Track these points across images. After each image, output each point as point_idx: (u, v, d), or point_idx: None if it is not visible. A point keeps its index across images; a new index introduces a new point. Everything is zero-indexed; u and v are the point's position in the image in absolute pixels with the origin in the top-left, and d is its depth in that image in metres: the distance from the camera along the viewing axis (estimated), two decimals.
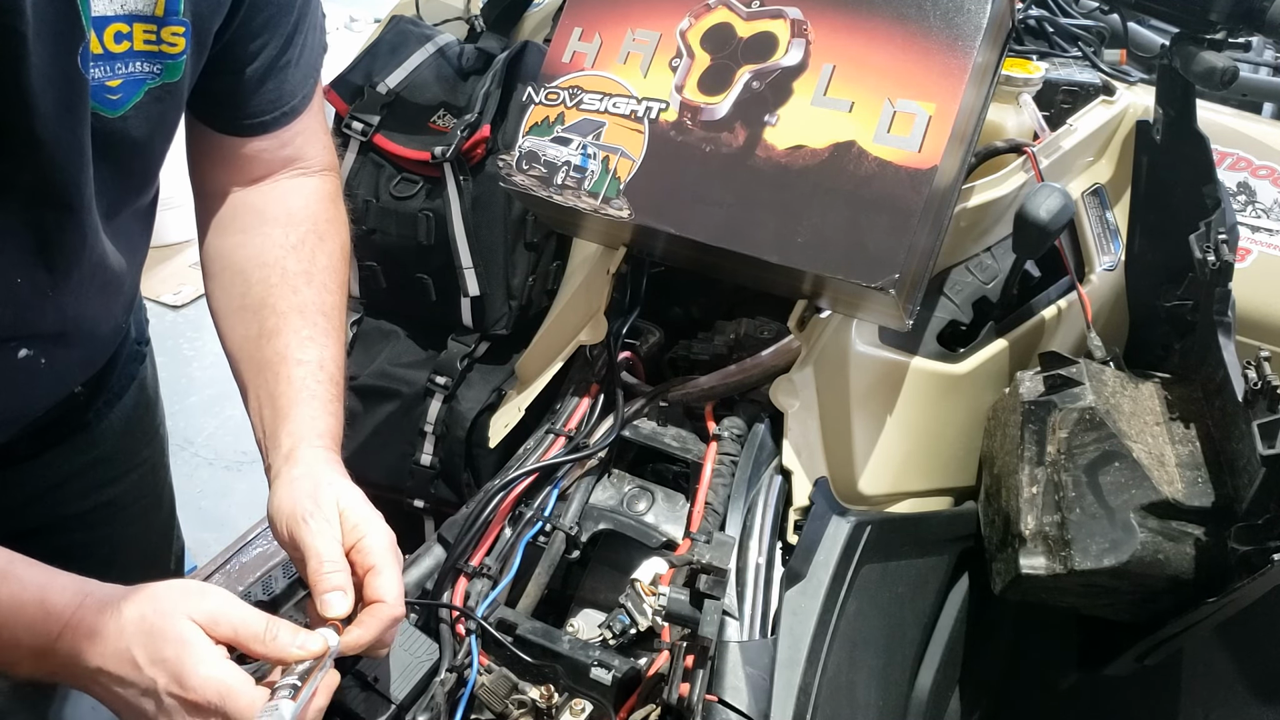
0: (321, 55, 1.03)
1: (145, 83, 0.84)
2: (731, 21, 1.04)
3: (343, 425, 0.95)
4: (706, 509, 1.00)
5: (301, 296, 0.97)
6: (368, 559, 0.83)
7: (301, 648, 0.77)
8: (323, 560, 0.81)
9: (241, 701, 0.72)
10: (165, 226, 3.47)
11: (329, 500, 0.85)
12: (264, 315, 0.96)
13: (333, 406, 0.94)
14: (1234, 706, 1.27)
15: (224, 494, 2.61)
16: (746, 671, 0.89)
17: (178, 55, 0.85)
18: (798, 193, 0.97)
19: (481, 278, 1.34)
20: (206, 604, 0.76)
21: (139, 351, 1.20)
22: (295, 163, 1.03)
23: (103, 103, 0.83)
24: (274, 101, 0.98)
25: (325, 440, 0.91)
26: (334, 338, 0.97)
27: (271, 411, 0.93)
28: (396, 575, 0.83)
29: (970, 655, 1.23)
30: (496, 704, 0.91)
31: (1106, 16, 1.40)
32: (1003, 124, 1.26)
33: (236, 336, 0.98)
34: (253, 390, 0.95)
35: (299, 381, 0.93)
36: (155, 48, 0.83)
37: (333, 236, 1.03)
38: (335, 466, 0.90)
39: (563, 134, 1.07)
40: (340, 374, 0.97)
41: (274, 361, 0.94)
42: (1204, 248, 1.08)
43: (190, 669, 0.73)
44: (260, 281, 0.98)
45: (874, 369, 1.10)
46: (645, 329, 1.18)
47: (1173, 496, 1.01)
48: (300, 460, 0.89)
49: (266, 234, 1.00)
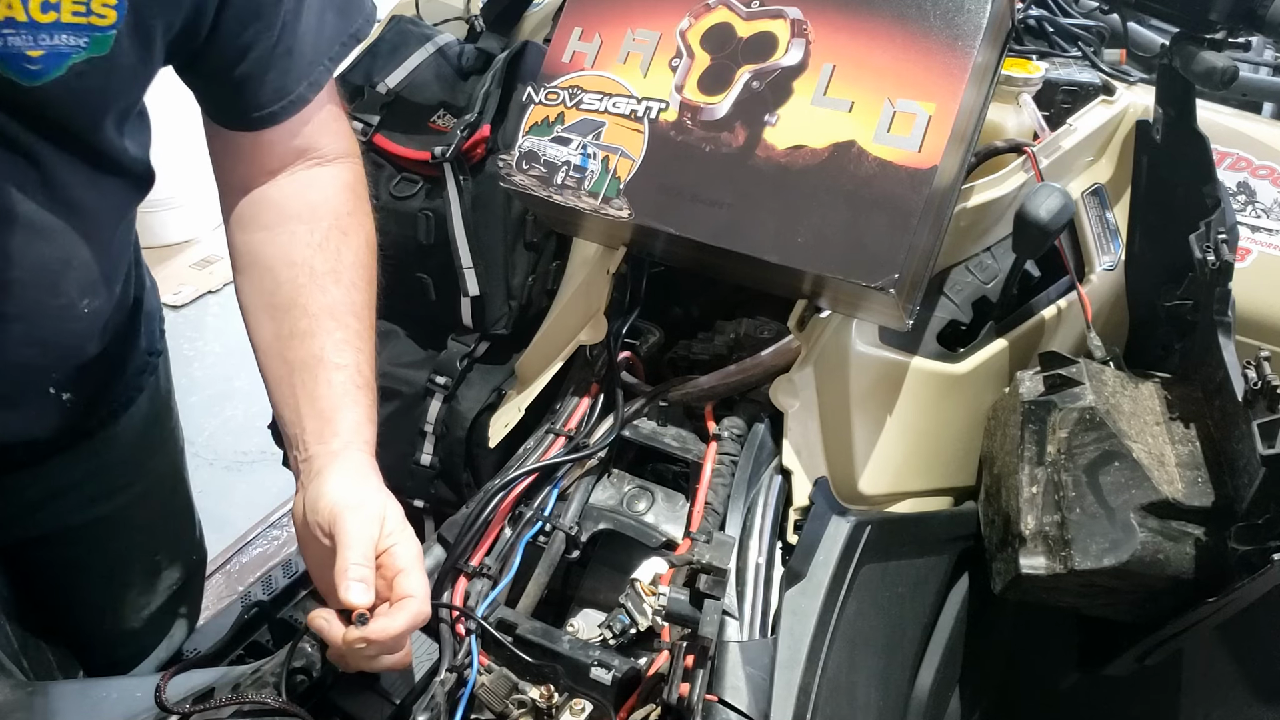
0: (347, 45, 1.02)
1: (70, 56, 0.83)
2: (731, 21, 1.04)
3: (374, 424, 0.98)
4: (706, 509, 1.00)
5: (331, 297, 0.98)
6: (397, 563, 0.86)
7: None
8: (357, 551, 0.84)
9: None
10: (165, 226, 3.49)
11: (378, 503, 0.88)
12: (295, 315, 0.97)
13: (371, 414, 0.97)
14: (1234, 706, 1.27)
15: (224, 494, 2.60)
16: (746, 671, 0.89)
17: (107, 28, 0.83)
18: (798, 193, 0.97)
19: (481, 278, 1.34)
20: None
21: (149, 362, 1.19)
22: (309, 153, 1.02)
23: (19, 71, 0.82)
24: (277, 92, 0.97)
25: (368, 448, 0.94)
26: (366, 340, 0.99)
27: (312, 411, 0.95)
28: (425, 580, 0.87)
29: (970, 655, 1.23)
30: (496, 704, 0.91)
31: (1106, 16, 1.40)
32: (1003, 124, 1.25)
33: (266, 334, 0.99)
34: (286, 386, 0.97)
35: (340, 386, 0.95)
36: (84, 19, 0.82)
37: (356, 230, 1.03)
38: (379, 476, 0.93)
39: (563, 134, 1.07)
40: (373, 379, 0.99)
41: (310, 363, 0.96)
42: (1204, 248, 1.08)
43: None
44: (289, 281, 0.98)
45: (874, 369, 1.10)
46: (645, 329, 1.18)
47: (1173, 496, 1.01)
48: (351, 460, 0.92)
49: (291, 231, 1.00)
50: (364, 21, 1.04)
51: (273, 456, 1.67)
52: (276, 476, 2.53)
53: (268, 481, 2.61)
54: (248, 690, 0.88)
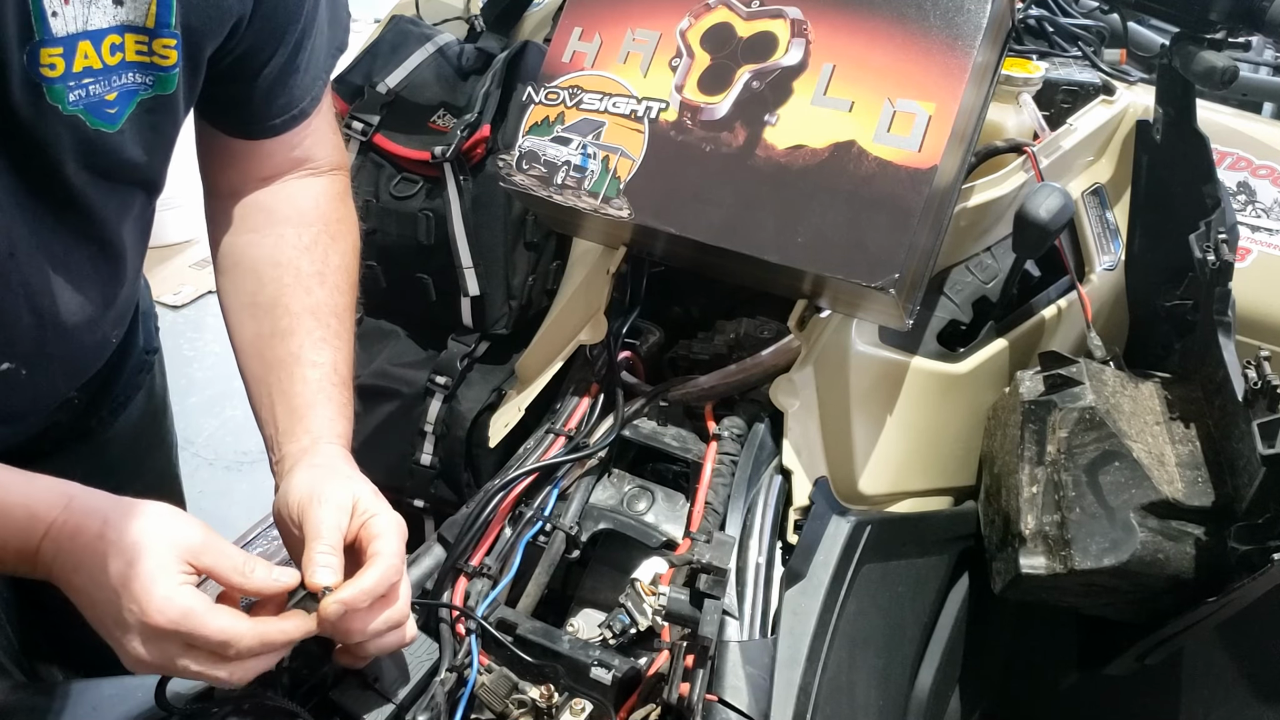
0: (334, 57, 1.03)
1: (137, 93, 0.84)
2: (731, 21, 1.04)
3: (353, 427, 0.97)
4: (706, 509, 1.00)
5: (315, 298, 0.98)
6: (372, 531, 0.85)
7: (276, 580, 0.79)
8: (324, 541, 0.82)
9: (203, 619, 0.74)
10: (165, 226, 3.49)
11: (345, 491, 0.87)
12: (277, 314, 0.97)
13: (346, 410, 0.96)
14: (1234, 706, 1.27)
15: (224, 494, 2.60)
16: (746, 671, 0.89)
17: (169, 68, 0.85)
18: (798, 192, 0.97)
19: (481, 277, 1.34)
20: (189, 534, 0.77)
21: (146, 360, 1.20)
22: (305, 164, 1.04)
23: (103, 118, 0.83)
24: (284, 106, 0.98)
25: (341, 441, 0.94)
26: (345, 340, 0.99)
27: (286, 409, 0.94)
28: (399, 544, 0.85)
29: (970, 655, 1.23)
30: (496, 704, 0.91)
31: (1106, 16, 1.40)
32: (1003, 124, 1.26)
33: (247, 333, 0.99)
34: (263, 386, 0.97)
35: (314, 383, 0.95)
36: (147, 59, 0.83)
37: (344, 236, 1.04)
38: (352, 464, 0.92)
39: (563, 134, 1.07)
40: (350, 377, 0.99)
41: (287, 361, 0.96)
42: (1204, 247, 1.08)
43: (152, 592, 0.74)
44: (273, 281, 0.99)
45: (874, 369, 1.10)
46: (645, 329, 1.18)
47: (1173, 496, 1.01)
48: (321, 453, 0.91)
49: (279, 234, 1.01)
50: (345, 33, 1.05)
51: None
52: None
53: (268, 481, 2.58)
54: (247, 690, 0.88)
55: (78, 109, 0.80)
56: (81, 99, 0.80)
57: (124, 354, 1.14)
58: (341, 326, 0.99)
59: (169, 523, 0.78)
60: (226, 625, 0.75)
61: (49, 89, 0.78)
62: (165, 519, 0.78)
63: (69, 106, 0.80)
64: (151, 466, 1.25)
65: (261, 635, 0.77)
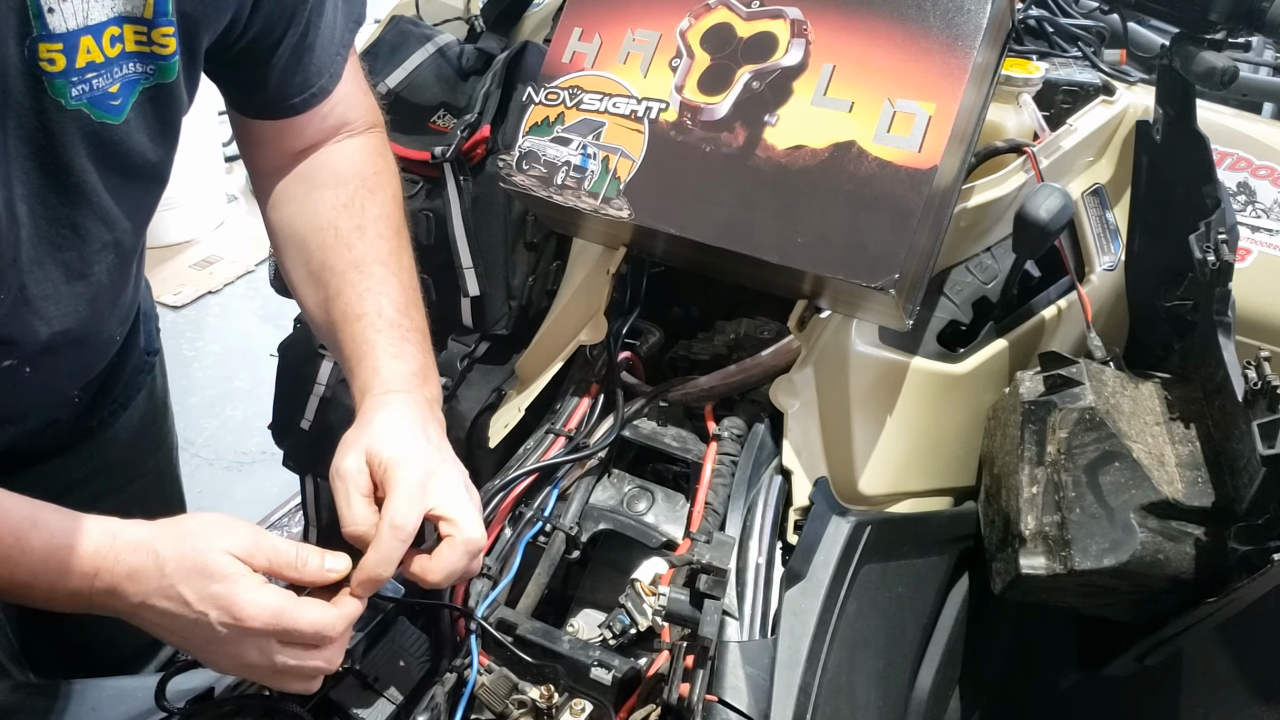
0: (352, 30, 1.03)
1: (139, 83, 0.85)
2: (731, 21, 1.04)
3: (420, 356, 0.98)
4: (706, 509, 1.00)
5: (356, 252, 1.00)
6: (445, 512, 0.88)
7: (331, 569, 0.82)
8: (397, 526, 0.84)
9: (295, 614, 0.79)
10: (165, 226, 3.49)
11: (417, 454, 0.90)
12: (326, 278, 0.99)
13: (394, 349, 0.96)
14: (1234, 706, 1.27)
15: (224, 494, 2.60)
16: (746, 671, 0.89)
17: (169, 56, 0.85)
18: (798, 193, 0.97)
19: (481, 278, 1.34)
20: (241, 537, 0.80)
21: (147, 361, 1.20)
22: (340, 129, 1.05)
23: (107, 110, 0.83)
24: (301, 85, 0.99)
25: (393, 383, 0.94)
26: (391, 283, 0.99)
27: (347, 371, 0.97)
28: (475, 517, 0.89)
29: (970, 655, 1.23)
30: (496, 704, 0.91)
31: (1106, 16, 1.40)
32: (1003, 124, 1.25)
33: (311, 304, 1.02)
34: (336, 348, 1.00)
35: (358, 337, 0.96)
36: (147, 48, 0.83)
37: (382, 188, 1.05)
38: (392, 408, 0.92)
39: (563, 134, 1.07)
40: (402, 314, 0.98)
41: (340, 323, 0.98)
42: (1204, 248, 1.08)
43: (241, 600, 0.77)
44: (319, 246, 1.00)
45: (874, 369, 1.10)
46: (645, 329, 1.17)
47: (1173, 496, 1.01)
48: (364, 410, 0.92)
49: (318, 199, 1.02)
50: (362, 5, 1.06)
51: (273, 456, 1.67)
52: (276, 476, 2.53)
53: (268, 481, 2.61)
54: (247, 690, 0.88)
55: (81, 103, 0.81)
56: (85, 93, 0.81)
57: (125, 355, 1.14)
58: (386, 271, 0.99)
59: (218, 532, 0.80)
60: (317, 616, 0.79)
61: (50, 84, 0.79)
62: (212, 530, 0.80)
63: (72, 101, 0.80)
64: (152, 467, 1.25)
65: (347, 618, 0.81)
